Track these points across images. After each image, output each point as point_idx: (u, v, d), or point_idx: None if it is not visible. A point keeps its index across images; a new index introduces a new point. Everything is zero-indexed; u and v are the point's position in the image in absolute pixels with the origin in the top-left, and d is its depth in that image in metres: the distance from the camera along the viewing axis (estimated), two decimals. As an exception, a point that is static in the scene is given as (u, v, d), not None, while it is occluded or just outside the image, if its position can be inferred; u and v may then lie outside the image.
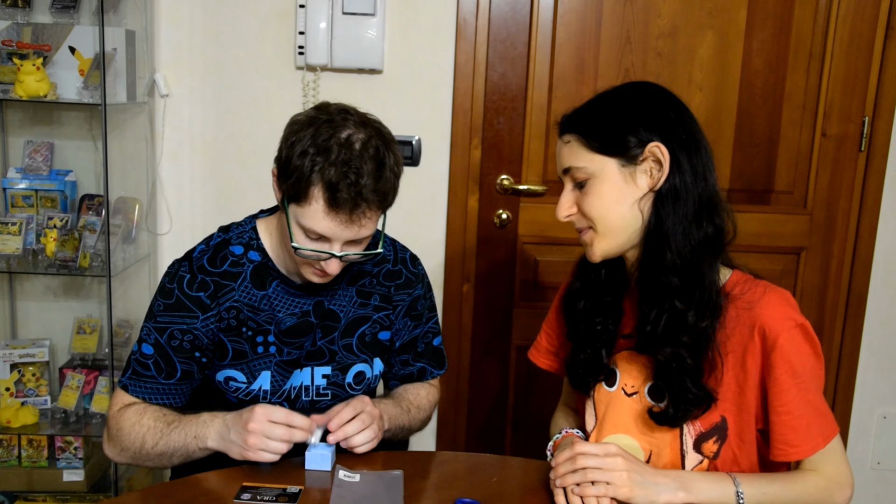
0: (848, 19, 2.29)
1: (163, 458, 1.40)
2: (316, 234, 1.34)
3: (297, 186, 1.31)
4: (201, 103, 2.32)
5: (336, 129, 1.31)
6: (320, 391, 1.52)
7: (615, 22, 2.29)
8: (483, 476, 1.33)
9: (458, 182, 2.35)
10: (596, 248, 1.31)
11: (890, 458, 2.58)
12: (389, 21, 2.27)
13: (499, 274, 2.43)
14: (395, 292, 1.57)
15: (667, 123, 1.25)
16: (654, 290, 1.27)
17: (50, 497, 2.25)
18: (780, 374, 1.23)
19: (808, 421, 1.25)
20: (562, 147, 1.31)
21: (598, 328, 1.38)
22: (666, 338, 1.26)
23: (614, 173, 1.26)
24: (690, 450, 1.31)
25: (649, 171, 1.25)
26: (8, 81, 2.10)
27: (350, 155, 1.29)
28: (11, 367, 2.26)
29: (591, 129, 1.26)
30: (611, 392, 1.39)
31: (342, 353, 1.52)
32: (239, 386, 1.47)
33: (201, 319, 1.43)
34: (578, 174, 1.28)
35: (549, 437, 1.51)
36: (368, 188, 1.30)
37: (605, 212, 1.27)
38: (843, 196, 2.39)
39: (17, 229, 2.18)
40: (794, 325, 1.24)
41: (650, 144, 1.24)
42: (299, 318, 1.48)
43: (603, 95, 1.31)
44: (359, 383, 1.54)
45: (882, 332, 2.49)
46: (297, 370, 1.50)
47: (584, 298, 1.41)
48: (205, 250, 1.48)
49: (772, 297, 1.26)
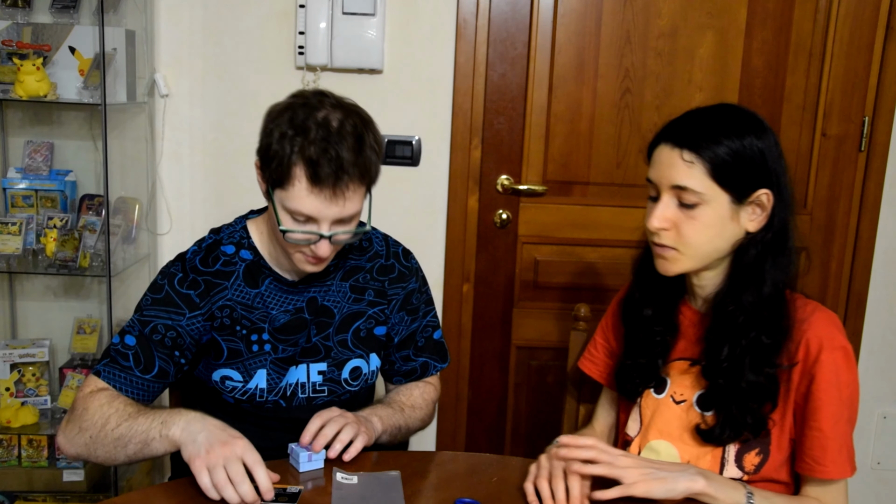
0: (848, 19, 2.29)
1: (118, 445, 1.31)
2: (303, 216, 1.34)
3: (279, 170, 1.32)
4: (201, 103, 2.32)
5: (313, 110, 1.33)
6: (316, 388, 1.52)
7: (615, 22, 2.29)
8: (483, 476, 1.33)
9: (458, 182, 2.35)
10: (676, 267, 1.32)
11: (890, 458, 2.58)
12: (389, 21, 2.27)
13: (499, 274, 2.43)
14: (388, 286, 1.57)
15: (777, 172, 1.28)
16: (737, 321, 1.29)
17: (50, 497, 2.25)
18: (818, 391, 1.26)
19: (839, 445, 1.27)
20: (677, 161, 1.27)
21: (657, 338, 1.39)
22: (749, 367, 1.28)
23: (724, 207, 1.27)
24: (731, 461, 1.32)
25: (752, 211, 1.28)
26: (8, 81, 2.10)
27: (328, 132, 1.31)
28: (11, 367, 2.26)
29: (717, 158, 1.25)
30: (659, 399, 1.40)
31: (337, 349, 1.52)
32: (235, 385, 1.47)
33: (187, 317, 1.43)
34: (690, 197, 1.26)
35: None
36: (349, 161, 1.31)
37: (705, 240, 1.28)
38: (843, 196, 2.39)
39: (17, 229, 2.18)
40: (838, 346, 1.27)
41: (761, 191, 1.27)
42: (293, 315, 1.48)
43: (722, 120, 1.29)
44: (355, 379, 1.54)
45: (882, 332, 2.49)
46: (293, 367, 1.50)
47: (647, 306, 1.41)
48: (197, 251, 1.49)
49: (820, 317, 1.30)
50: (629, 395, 1.44)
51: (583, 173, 2.37)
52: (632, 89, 2.32)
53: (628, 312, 1.46)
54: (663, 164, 1.28)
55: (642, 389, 1.42)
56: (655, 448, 1.38)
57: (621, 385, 1.45)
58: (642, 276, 1.42)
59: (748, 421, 1.29)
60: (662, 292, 1.40)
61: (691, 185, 1.25)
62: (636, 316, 1.43)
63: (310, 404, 1.51)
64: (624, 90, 2.33)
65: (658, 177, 1.29)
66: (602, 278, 2.41)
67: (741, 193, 1.26)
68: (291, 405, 1.50)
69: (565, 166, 2.37)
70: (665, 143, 1.29)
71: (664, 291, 1.39)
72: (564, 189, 2.38)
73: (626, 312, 1.46)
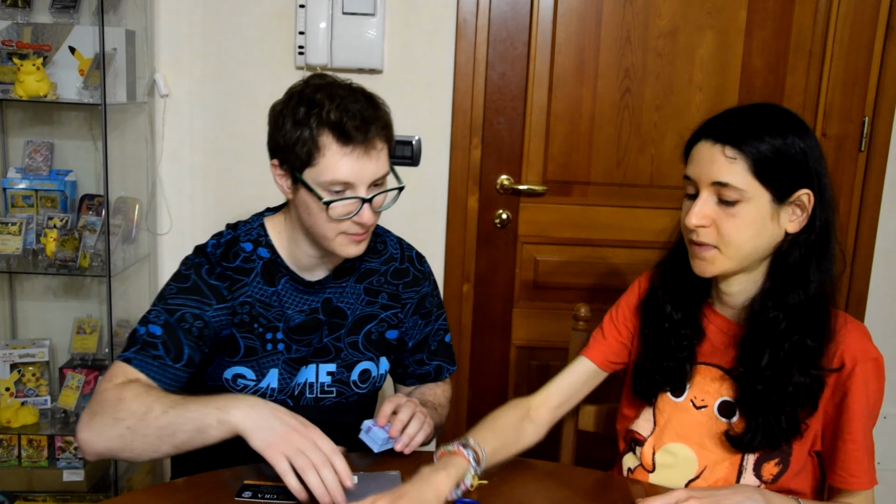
0: (848, 19, 2.29)
1: (162, 434, 1.23)
2: (340, 184, 1.34)
3: (304, 149, 1.33)
4: (201, 103, 2.32)
5: (318, 88, 1.36)
6: (325, 388, 1.51)
7: (615, 22, 2.29)
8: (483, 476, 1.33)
9: (458, 182, 2.35)
10: (715, 268, 1.29)
11: (890, 458, 2.57)
12: (389, 21, 2.27)
13: (499, 274, 2.43)
14: (403, 290, 1.57)
15: (818, 173, 1.27)
16: (777, 327, 1.27)
17: (50, 497, 2.25)
18: (852, 403, 1.26)
19: (869, 455, 1.28)
20: (719, 157, 1.24)
21: (685, 343, 1.37)
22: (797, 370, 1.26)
23: (766, 206, 1.25)
24: (749, 470, 1.31)
25: (793, 212, 1.27)
26: (8, 81, 2.10)
27: (341, 98, 1.34)
28: (11, 367, 2.26)
29: (760, 155, 1.23)
30: (677, 402, 1.38)
31: (347, 351, 1.52)
32: (247, 384, 1.46)
33: (214, 308, 1.41)
34: (731, 193, 1.24)
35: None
36: (371, 115, 1.34)
37: (746, 239, 1.26)
38: (843, 196, 2.39)
39: (17, 229, 2.18)
40: (871, 358, 1.28)
41: (801, 191, 1.25)
42: (308, 315, 1.48)
43: (764, 118, 1.28)
44: (364, 381, 1.54)
45: (882, 332, 2.47)
46: (304, 367, 1.49)
47: (675, 310, 1.39)
48: (216, 245, 1.47)
49: (852, 329, 1.30)
50: (644, 397, 1.42)
51: (583, 173, 2.37)
52: (632, 89, 2.32)
53: (651, 314, 1.43)
54: (704, 160, 1.26)
55: (658, 391, 1.40)
56: (672, 451, 1.37)
57: (637, 385, 1.43)
58: (668, 278, 1.40)
59: (783, 426, 1.27)
60: (688, 295, 1.37)
61: (733, 182, 1.23)
62: (660, 318, 1.40)
63: (317, 405, 1.50)
64: (624, 90, 2.33)
65: (698, 173, 1.27)
66: (602, 278, 2.40)
67: (782, 192, 1.24)
68: (298, 405, 1.49)
69: (565, 166, 2.37)
70: (706, 139, 1.27)
71: (690, 295, 1.37)
72: (564, 189, 2.38)
73: (649, 314, 1.43)
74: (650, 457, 1.38)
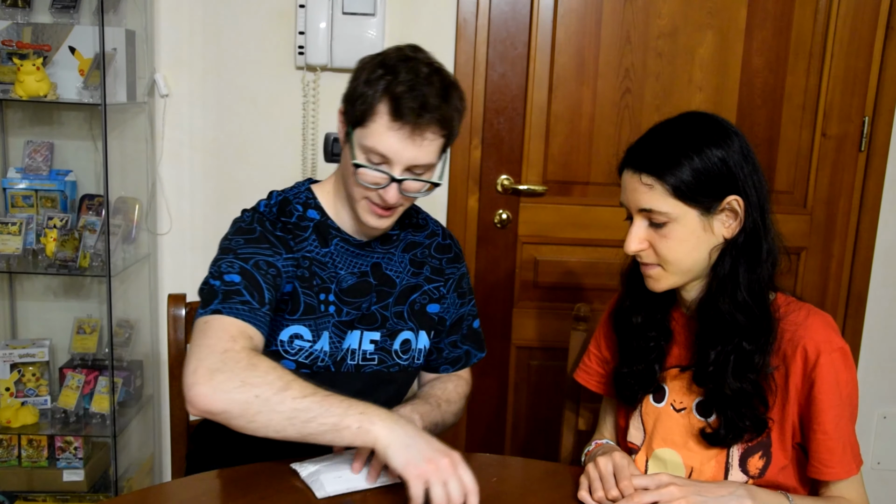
0: (848, 19, 2.29)
1: (294, 417, 1.17)
2: (378, 156, 1.35)
3: (362, 107, 1.34)
4: (201, 103, 2.32)
5: (404, 59, 1.36)
6: (367, 356, 1.50)
7: (615, 22, 2.29)
8: (483, 476, 1.33)
9: (458, 182, 2.35)
10: (662, 283, 1.33)
11: (890, 458, 2.58)
12: (389, 21, 2.27)
13: (499, 274, 2.43)
14: (446, 265, 1.58)
15: (743, 176, 1.27)
16: (719, 328, 1.30)
17: (50, 497, 2.25)
18: (819, 394, 1.26)
19: (843, 445, 1.28)
20: (638, 185, 1.28)
21: (651, 344, 1.40)
22: (731, 374, 1.29)
23: (694, 221, 1.27)
24: (736, 466, 1.33)
25: (725, 221, 1.28)
26: (8, 81, 2.10)
27: (417, 76, 1.34)
28: (11, 367, 2.26)
29: (675, 178, 1.25)
30: (659, 408, 1.40)
31: (393, 320, 1.51)
32: (303, 345, 1.42)
33: (283, 257, 1.40)
34: (658, 217, 1.27)
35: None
36: (433, 105, 1.33)
37: (683, 255, 1.29)
38: (843, 196, 2.39)
39: (17, 229, 2.19)
40: (836, 349, 1.27)
41: (729, 198, 1.26)
42: (359, 277, 1.48)
43: (679, 136, 1.28)
44: (405, 352, 1.53)
45: (882, 332, 2.49)
46: (350, 332, 1.48)
47: (637, 314, 1.42)
48: (269, 205, 1.47)
49: (815, 320, 1.30)
50: (628, 402, 1.44)
51: (583, 173, 2.37)
52: (632, 89, 2.32)
53: (620, 321, 1.46)
54: (628, 189, 1.31)
55: (641, 396, 1.42)
56: (661, 457, 1.38)
57: (620, 391, 1.45)
58: (632, 285, 1.43)
59: (746, 423, 1.30)
60: (653, 300, 1.40)
61: (656, 207, 1.26)
62: (628, 324, 1.43)
63: (358, 371, 1.48)
64: (624, 90, 2.33)
65: (626, 200, 1.32)
66: (602, 278, 2.40)
67: (709, 205, 1.27)
68: (340, 370, 1.47)
69: (565, 166, 2.37)
70: (627, 167, 1.31)
71: (655, 299, 1.40)
72: (564, 189, 2.38)
73: (618, 321, 1.46)
74: (643, 465, 1.40)
